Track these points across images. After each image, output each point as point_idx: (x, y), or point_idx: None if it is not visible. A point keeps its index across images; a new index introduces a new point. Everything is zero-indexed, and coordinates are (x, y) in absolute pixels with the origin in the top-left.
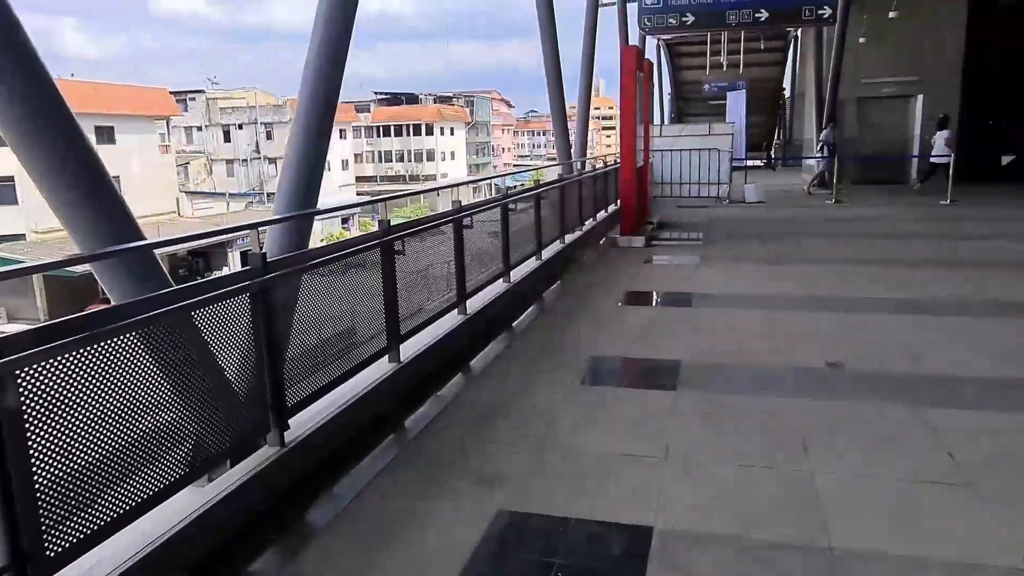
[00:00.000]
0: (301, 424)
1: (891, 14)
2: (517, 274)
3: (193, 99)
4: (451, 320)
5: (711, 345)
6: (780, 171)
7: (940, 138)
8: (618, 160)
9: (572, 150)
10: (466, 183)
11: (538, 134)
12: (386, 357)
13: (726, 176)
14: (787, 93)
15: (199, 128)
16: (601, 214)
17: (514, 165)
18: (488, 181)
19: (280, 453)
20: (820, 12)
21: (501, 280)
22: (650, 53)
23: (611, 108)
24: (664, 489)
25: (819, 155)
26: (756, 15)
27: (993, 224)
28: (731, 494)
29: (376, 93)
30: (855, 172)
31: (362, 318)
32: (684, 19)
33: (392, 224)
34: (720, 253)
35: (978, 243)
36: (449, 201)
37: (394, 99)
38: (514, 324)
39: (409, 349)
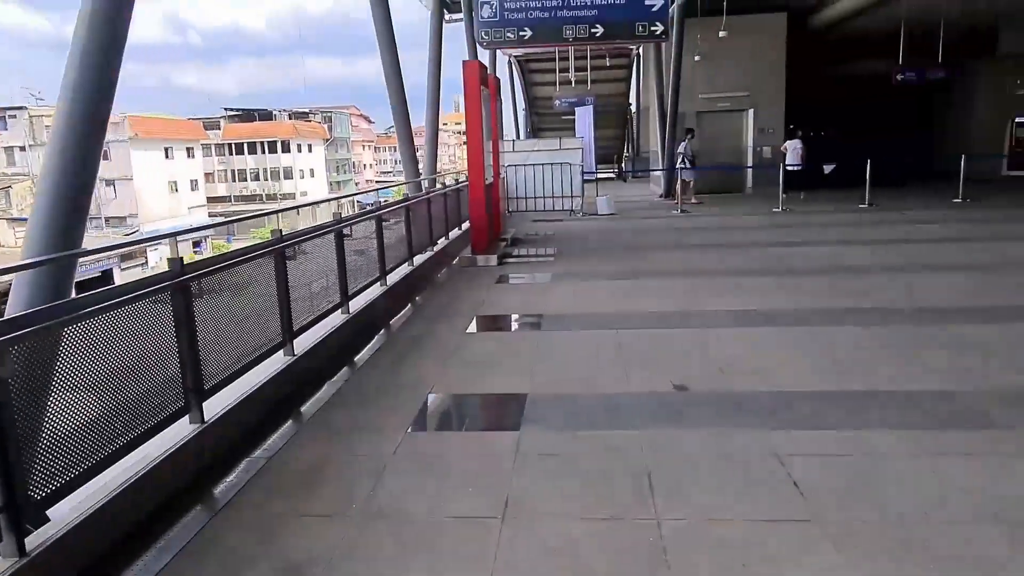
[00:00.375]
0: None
1: (721, 33)
2: (359, 303)
3: (14, 116)
4: (273, 364)
5: (559, 374)
6: (631, 183)
7: (791, 147)
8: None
9: (421, 166)
10: (310, 204)
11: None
12: (186, 418)
13: (578, 189)
14: (634, 108)
15: (22, 148)
16: (455, 232)
17: (376, 181)
18: (351, 198)
19: None
20: (653, 29)
21: (339, 312)
22: (503, 69)
23: None
24: (500, 554)
25: (681, 166)
26: (592, 30)
27: (820, 230)
28: (573, 554)
29: (226, 109)
30: (698, 183)
31: (154, 374)
32: (522, 33)
33: (196, 260)
34: (572, 269)
35: (808, 250)
36: (311, 219)
37: (247, 115)
38: (356, 359)
39: (215, 406)
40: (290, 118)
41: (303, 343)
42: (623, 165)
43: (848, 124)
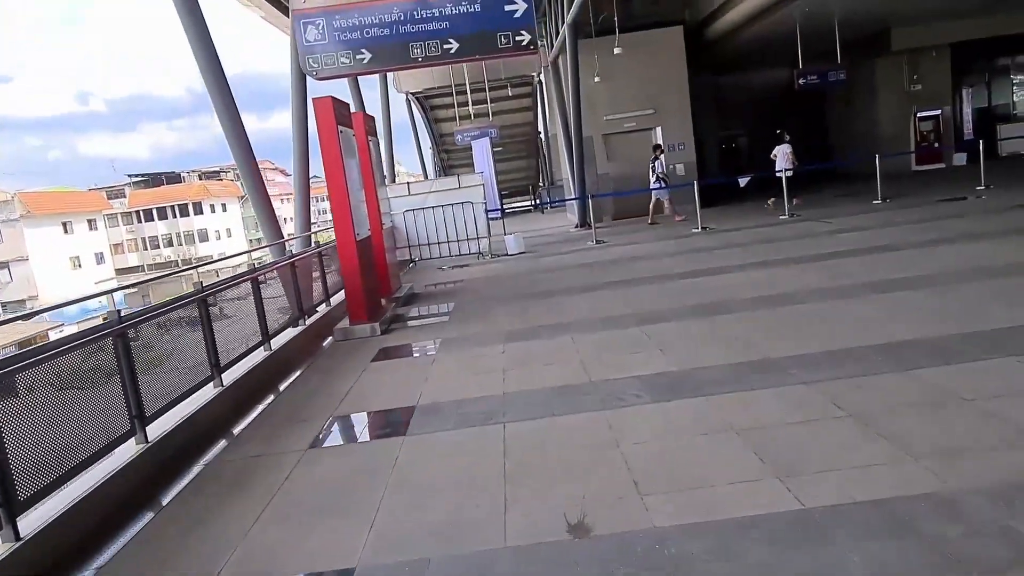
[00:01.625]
0: None
1: (615, 50)
2: (166, 422)
3: None
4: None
5: (410, 520)
6: (548, 213)
7: (781, 152)
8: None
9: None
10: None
11: (323, 199)
12: None
13: (484, 229)
14: (544, 136)
15: None
16: (338, 297)
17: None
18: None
19: None
20: (519, 39)
21: (133, 440)
22: (398, 108)
23: (397, 164)
24: None
25: (656, 186)
26: (446, 46)
27: (743, 251)
28: None
29: (130, 176)
30: (612, 208)
31: None
32: (360, 57)
33: None
34: (466, 330)
35: (733, 278)
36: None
37: (154, 180)
38: (164, 501)
39: None
40: (200, 179)
41: (28, 523)
42: (539, 196)
43: (758, 132)
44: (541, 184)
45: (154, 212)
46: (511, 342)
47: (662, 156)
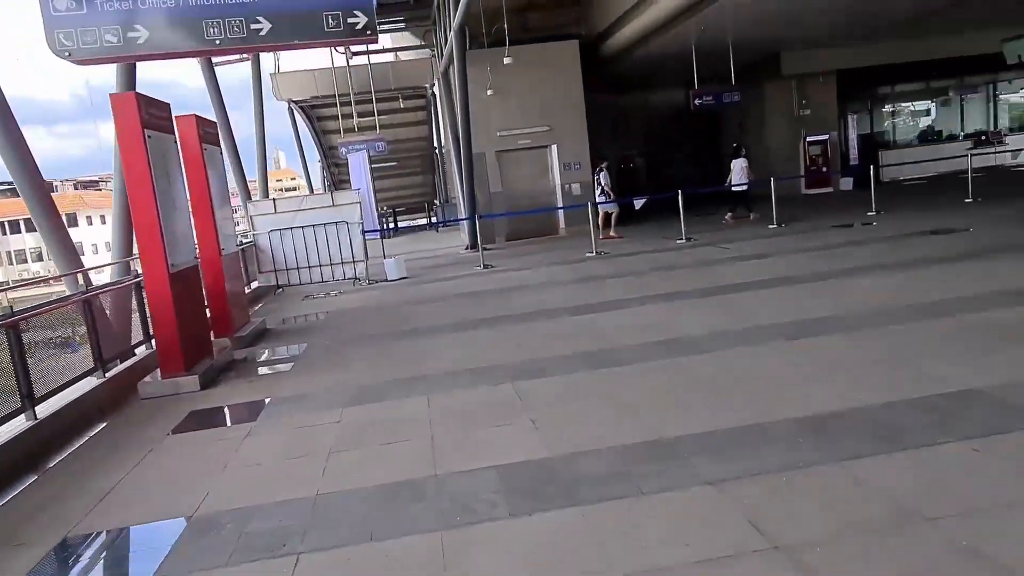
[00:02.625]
0: None
1: (505, 60)
2: None
3: None
4: None
5: None
6: (442, 232)
7: (737, 167)
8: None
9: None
10: None
11: (236, 208)
12: None
13: (360, 251)
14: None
15: None
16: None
17: None
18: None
19: None
20: (351, 21)
21: None
22: (277, 116)
23: (294, 179)
24: None
25: (601, 200)
26: (252, 26)
27: (639, 281)
28: None
29: None
30: (506, 228)
31: None
32: (132, 35)
33: None
34: (305, 386)
35: (627, 315)
36: None
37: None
38: None
39: None
40: (76, 188)
41: None
42: (433, 214)
43: (657, 153)
44: (436, 202)
45: (21, 224)
46: (354, 404)
47: (606, 169)
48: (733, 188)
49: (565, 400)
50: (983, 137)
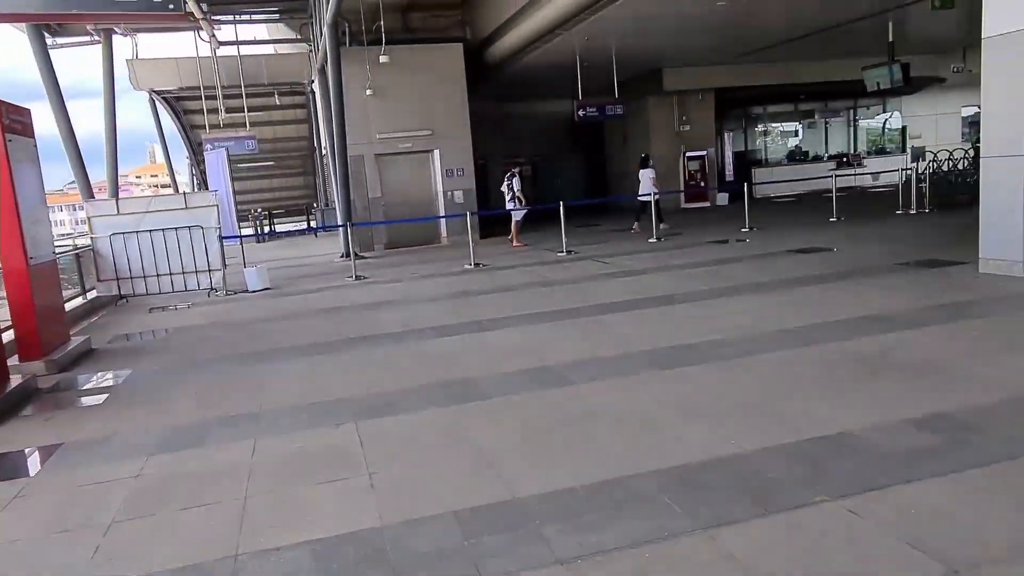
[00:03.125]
0: None
1: (382, 58)
2: None
3: None
4: None
5: None
6: (323, 237)
7: (645, 177)
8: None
9: None
10: None
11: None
12: None
13: (217, 260)
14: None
15: None
16: None
17: None
18: None
19: None
20: None
21: None
22: (134, 105)
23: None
24: None
25: (512, 207)
26: None
27: (515, 297)
28: None
29: None
30: (385, 235)
31: None
32: None
33: None
34: (112, 425)
35: (498, 338)
36: None
37: None
38: None
39: None
40: None
41: None
42: (313, 218)
43: (545, 163)
44: (316, 205)
45: None
46: (164, 452)
47: (519, 174)
48: (640, 198)
49: (413, 446)
50: (845, 159)
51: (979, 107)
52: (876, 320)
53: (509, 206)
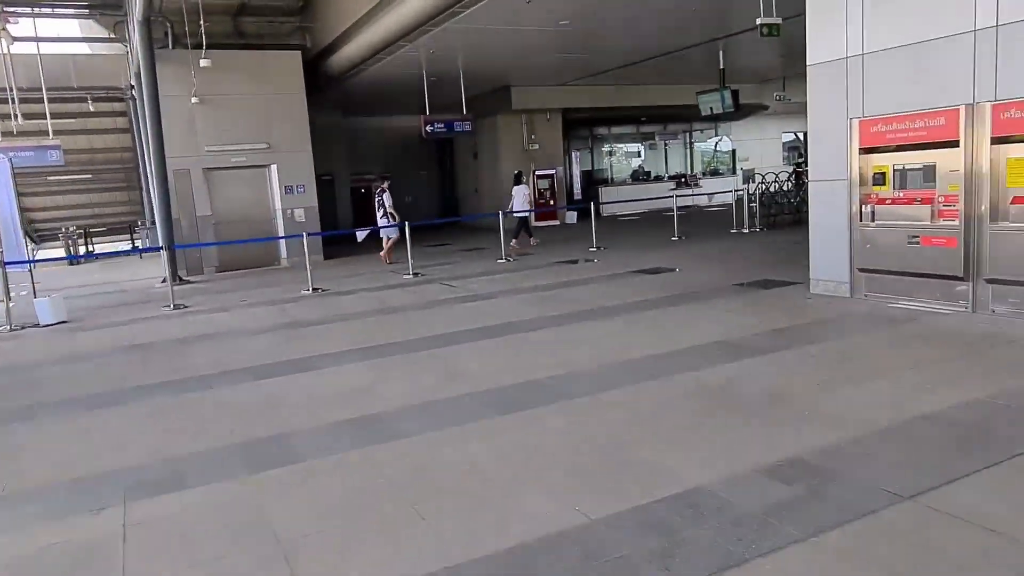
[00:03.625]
0: None
1: (203, 62)
2: None
3: None
4: None
5: None
6: (148, 259)
7: (519, 193)
8: None
9: None
10: None
11: None
12: None
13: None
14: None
15: None
16: None
17: None
18: None
19: None
20: None
21: None
22: None
23: None
24: None
25: (385, 223)
26: None
27: (346, 329)
28: None
29: None
30: (217, 257)
31: None
32: None
33: None
34: None
35: (323, 382)
36: None
37: None
38: None
39: None
40: None
41: None
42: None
43: (395, 180)
44: (141, 223)
45: None
46: None
47: (389, 189)
48: (515, 214)
49: (191, 538)
50: (683, 179)
51: (796, 133)
52: (720, 347)
53: (381, 223)
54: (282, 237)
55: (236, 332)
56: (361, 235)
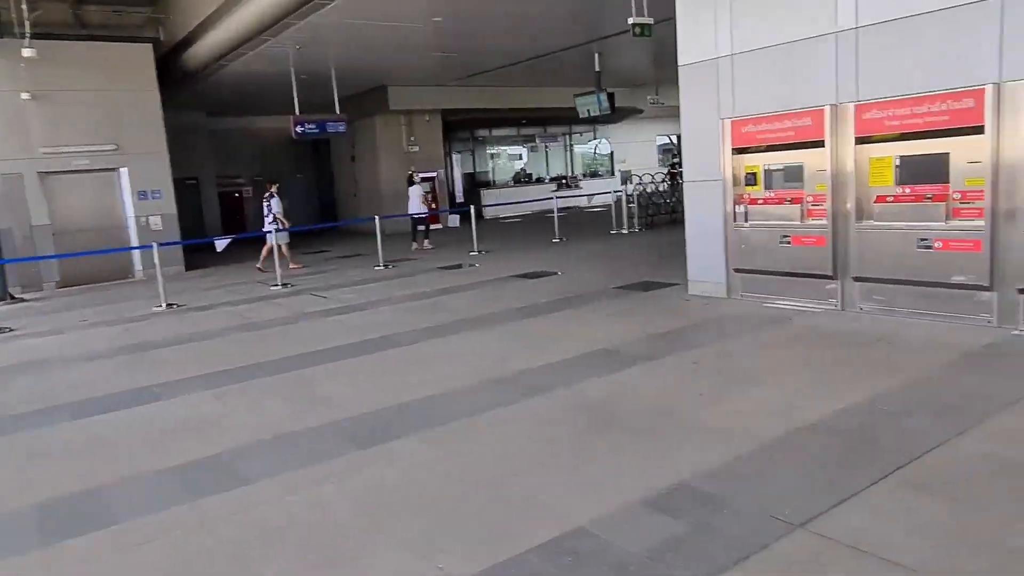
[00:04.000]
0: None
1: (25, 52)
2: None
3: None
4: None
5: None
6: None
7: (414, 194)
8: None
9: None
10: None
11: None
12: None
13: None
14: None
15: None
16: None
17: None
18: None
19: None
20: None
21: None
22: None
23: None
24: None
25: (273, 228)
26: None
27: (197, 351)
28: None
29: None
30: (59, 271)
31: None
32: None
33: None
34: None
35: (154, 414)
36: None
37: None
38: None
39: None
40: None
41: None
42: None
43: (262, 182)
44: None
45: None
46: None
47: (279, 194)
48: (412, 216)
49: None
50: (563, 181)
51: (669, 136)
52: (601, 356)
53: (269, 228)
54: (133, 248)
55: (68, 359)
56: (221, 245)
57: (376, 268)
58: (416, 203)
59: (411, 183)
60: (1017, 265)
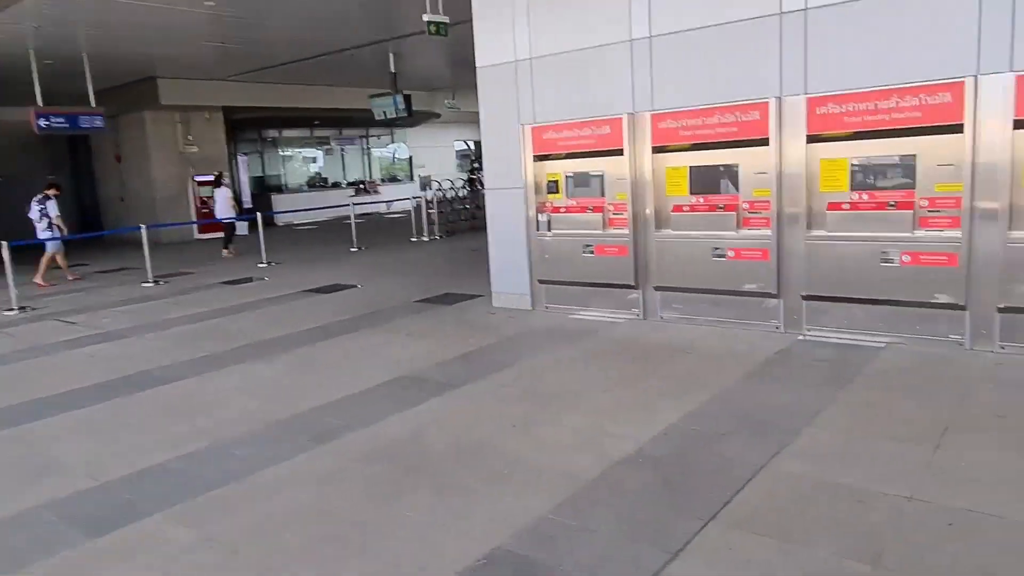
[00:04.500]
0: None
1: None
2: None
3: None
4: None
5: None
6: None
7: (220, 197)
8: None
9: None
10: None
11: None
12: None
13: None
14: None
15: None
16: None
17: None
18: None
19: None
20: None
21: None
22: None
23: None
24: None
25: (49, 235)
26: None
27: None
28: None
29: None
30: None
31: None
32: None
33: None
34: None
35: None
36: None
37: None
38: None
39: None
40: None
41: None
42: None
43: (7, 186)
44: None
45: None
46: None
47: (56, 197)
48: (221, 221)
49: None
50: (362, 186)
51: (466, 141)
52: (403, 385)
53: (43, 235)
54: None
55: None
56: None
57: (144, 285)
58: (224, 207)
59: (218, 184)
60: (799, 272)
